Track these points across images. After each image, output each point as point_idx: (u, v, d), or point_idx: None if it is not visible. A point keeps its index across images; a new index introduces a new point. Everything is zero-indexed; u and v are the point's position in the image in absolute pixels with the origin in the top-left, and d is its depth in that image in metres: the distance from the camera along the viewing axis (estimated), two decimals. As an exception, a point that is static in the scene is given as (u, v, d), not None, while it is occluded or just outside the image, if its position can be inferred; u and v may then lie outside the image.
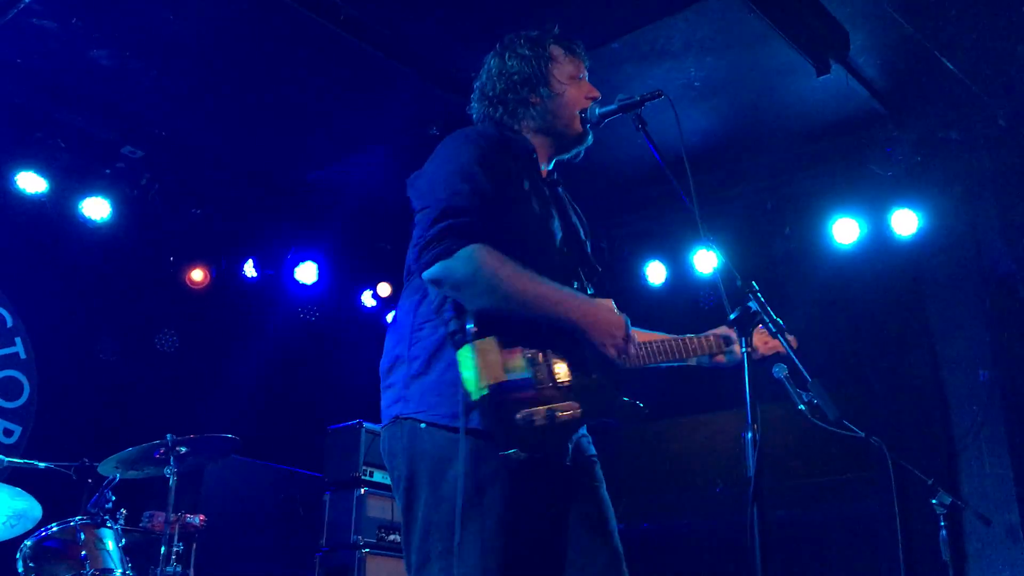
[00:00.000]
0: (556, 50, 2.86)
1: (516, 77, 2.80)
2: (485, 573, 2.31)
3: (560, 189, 2.90)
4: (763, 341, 2.90)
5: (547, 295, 2.46)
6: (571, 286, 2.64)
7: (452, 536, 2.35)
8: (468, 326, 2.41)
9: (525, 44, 2.85)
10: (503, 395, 2.34)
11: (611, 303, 2.63)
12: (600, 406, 2.53)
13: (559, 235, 2.72)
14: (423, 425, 2.46)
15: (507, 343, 2.40)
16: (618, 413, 2.58)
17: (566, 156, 2.90)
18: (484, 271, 2.39)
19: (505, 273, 2.40)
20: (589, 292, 2.72)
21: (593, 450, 2.73)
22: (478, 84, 2.90)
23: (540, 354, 2.45)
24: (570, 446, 2.57)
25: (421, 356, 2.52)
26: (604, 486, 2.70)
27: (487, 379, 2.34)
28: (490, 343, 2.38)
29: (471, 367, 2.35)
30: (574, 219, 2.88)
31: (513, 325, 2.43)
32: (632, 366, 2.67)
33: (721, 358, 2.98)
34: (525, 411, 2.34)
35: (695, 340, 2.93)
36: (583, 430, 2.67)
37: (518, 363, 2.40)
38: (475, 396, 2.34)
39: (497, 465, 2.36)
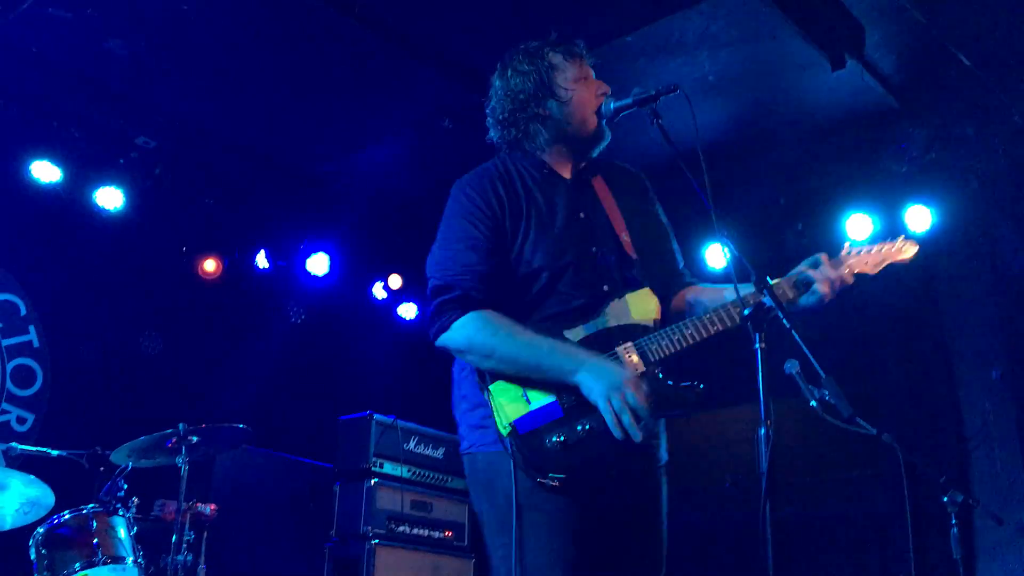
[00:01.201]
0: (555, 57, 2.86)
1: (521, 96, 2.83)
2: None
3: (593, 182, 2.92)
4: (869, 262, 2.82)
5: (535, 356, 2.58)
6: (601, 289, 2.71)
7: (508, 542, 2.54)
8: (481, 370, 2.65)
9: (524, 59, 2.87)
10: (527, 427, 2.54)
11: (647, 297, 2.72)
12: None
13: (587, 236, 2.77)
14: (478, 457, 2.72)
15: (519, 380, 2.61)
16: (655, 413, 2.61)
17: (593, 155, 2.92)
18: (477, 340, 2.60)
19: (498, 339, 2.59)
20: (621, 290, 2.73)
21: (664, 456, 2.83)
22: (488, 109, 2.94)
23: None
24: (615, 453, 2.59)
25: (467, 397, 2.77)
26: (665, 486, 2.83)
27: (508, 416, 2.55)
28: (499, 385, 2.60)
29: (495, 408, 2.58)
30: (605, 210, 2.87)
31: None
32: (666, 360, 2.67)
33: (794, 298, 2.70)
34: (553, 436, 2.51)
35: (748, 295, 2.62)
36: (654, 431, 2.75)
37: (540, 392, 2.58)
38: (504, 433, 2.55)
39: (534, 487, 2.54)
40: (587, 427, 2.51)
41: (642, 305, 2.71)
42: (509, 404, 2.55)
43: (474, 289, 2.63)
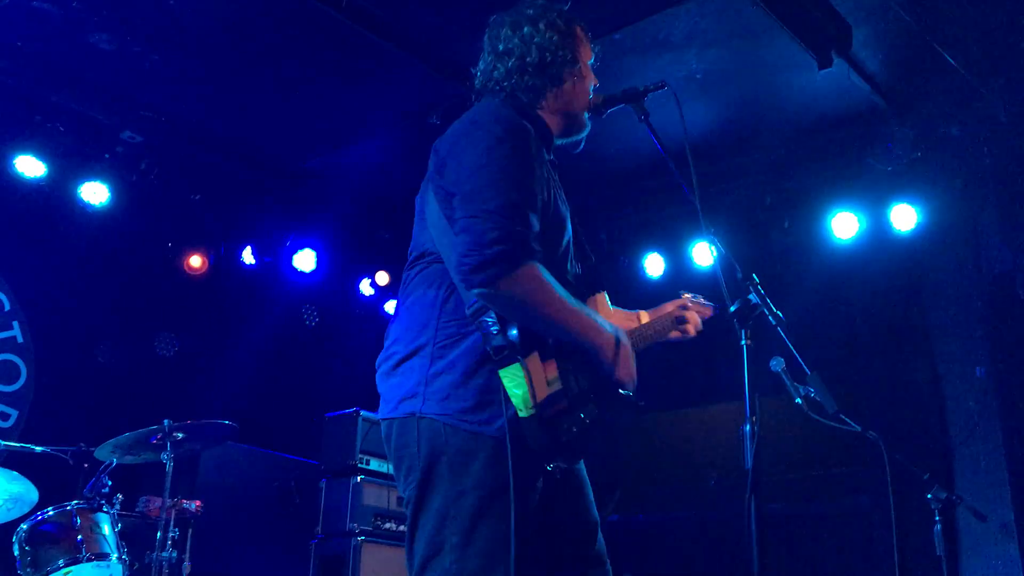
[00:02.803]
0: (580, 32, 2.78)
1: (552, 52, 2.67)
2: (496, 570, 2.32)
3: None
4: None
5: (579, 322, 2.45)
6: (574, 277, 2.67)
7: (470, 529, 2.35)
8: (514, 341, 2.39)
9: (560, 18, 2.72)
10: (551, 408, 2.35)
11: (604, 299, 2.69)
12: (609, 404, 2.54)
13: (568, 224, 2.67)
14: (446, 428, 2.43)
15: (545, 356, 2.41)
16: (619, 407, 2.58)
17: (568, 141, 2.83)
18: (532, 299, 2.36)
19: (550, 303, 2.39)
20: (587, 284, 2.72)
21: None
22: (502, 44, 2.73)
23: (570, 363, 2.45)
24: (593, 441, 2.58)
25: (447, 356, 2.47)
26: (586, 477, 2.74)
27: (537, 397, 2.34)
28: (535, 360, 2.39)
29: (522, 384, 2.35)
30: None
31: (547, 338, 2.44)
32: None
33: (677, 334, 2.98)
34: (564, 423, 2.37)
35: (661, 318, 2.95)
36: None
37: (555, 376, 2.41)
38: (525, 413, 2.34)
39: (522, 470, 2.37)
40: (584, 417, 2.40)
41: (604, 305, 2.72)
42: (538, 384, 2.36)
43: (533, 238, 2.39)
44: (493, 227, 2.32)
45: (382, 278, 8.24)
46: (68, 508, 4.68)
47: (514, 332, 2.38)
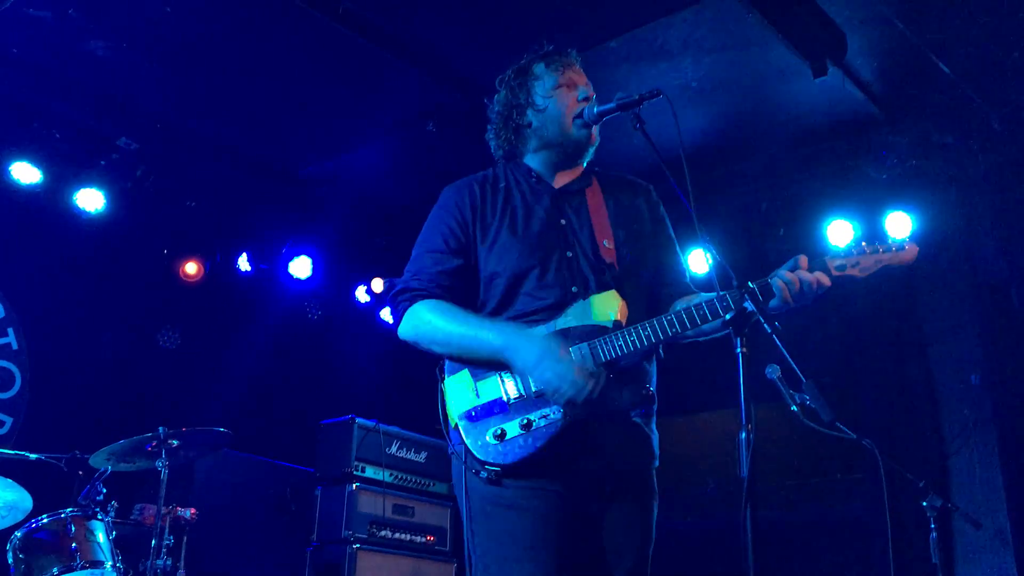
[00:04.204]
0: (538, 68, 2.99)
1: (507, 108, 2.99)
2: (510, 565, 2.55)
3: (587, 191, 2.97)
4: (861, 264, 2.85)
5: (468, 334, 2.70)
6: (570, 290, 2.75)
7: (472, 553, 2.63)
8: (443, 364, 2.78)
9: (512, 74, 3.03)
10: (474, 419, 2.65)
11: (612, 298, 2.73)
12: (585, 407, 2.58)
13: (564, 241, 2.83)
14: (453, 455, 2.78)
15: (480, 371, 2.70)
16: (605, 411, 2.62)
17: (581, 161, 2.99)
18: (422, 326, 2.77)
19: (439, 322, 2.74)
20: (588, 292, 2.75)
21: (633, 459, 2.77)
22: (490, 126, 3.10)
23: (511, 372, 2.67)
24: (570, 452, 2.62)
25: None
26: (637, 494, 2.76)
27: (458, 409, 2.68)
28: (461, 376, 2.72)
29: (447, 401, 2.72)
30: (591, 217, 2.91)
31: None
32: (622, 359, 2.66)
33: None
34: (495, 427, 2.62)
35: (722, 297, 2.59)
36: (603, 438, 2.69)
37: (491, 386, 2.68)
38: (452, 424, 2.69)
39: (497, 489, 2.61)
40: (528, 421, 2.59)
41: (604, 306, 2.72)
42: (459, 398, 2.70)
43: (424, 286, 2.82)
44: (390, 286, 2.91)
45: (378, 285, 8.22)
46: (62, 516, 4.67)
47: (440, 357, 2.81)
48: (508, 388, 2.66)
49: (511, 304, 2.79)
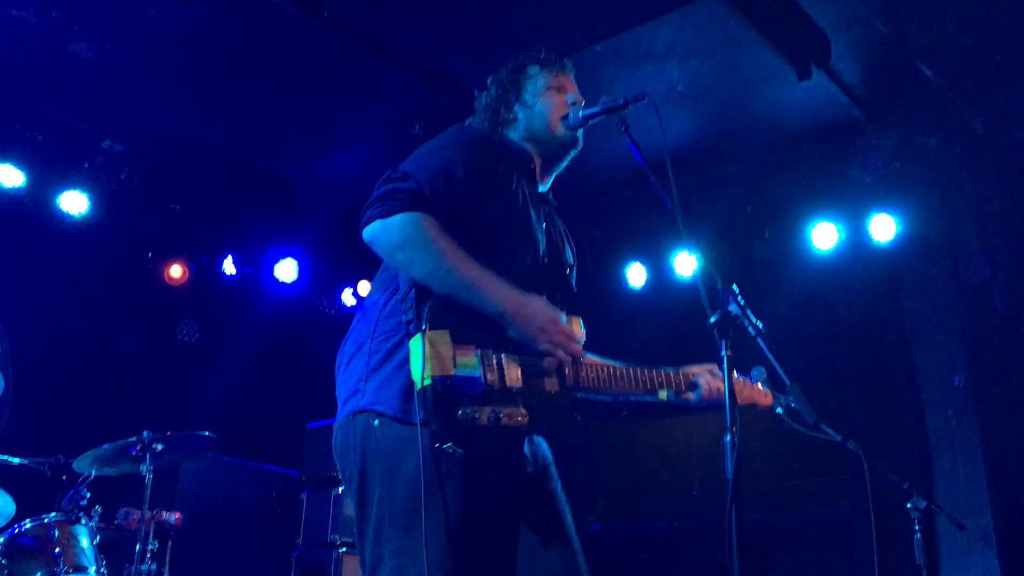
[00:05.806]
0: (533, 69, 2.98)
1: (496, 102, 2.96)
2: (436, 572, 2.29)
3: (553, 211, 2.95)
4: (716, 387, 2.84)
5: (476, 275, 2.41)
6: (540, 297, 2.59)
7: (405, 534, 2.34)
8: (424, 314, 2.35)
9: (505, 72, 3.02)
10: (446, 389, 2.29)
11: (575, 320, 2.66)
12: (550, 418, 2.50)
13: (542, 245, 2.75)
14: (376, 421, 2.45)
15: (462, 339, 2.36)
16: (568, 428, 2.55)
17: (561, 164, 2.96)
18: (417, 237, 2.40)
19: (440, 245, 2.40)
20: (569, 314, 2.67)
21: (550, 456, 2.71)
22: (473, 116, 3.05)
23: (494, 355, 2.41)
24: (527, 453, 2.57)
25: (382, 349, 2.51)
26: (560, 487, 2.69)
27: (433, 370, 2.29)
28: (443, 335, 2.34)
29: (419, 356, 2.31)
30: (561, 241, 2.90)
31: (470, 321, 2.40)
32: (589, 389, 2.63)
33: (689, 395, 2.85)
34: (466, 409, 2.30)
35: (663, 373, 2.82)
36: (538, 438, 2.64)
37: (469, 360, 2.36)
38: (418, 386, 2.30)
39: (452, 463, 2.35)
40: (498, 416, 2.33)
41: (578, 328, 2.69)
42: (435, 359, 2.30)
43: (432, 192, 2.48)
44: (384, 178, 2.56)
45: (364, 288, 8.22)
46: (46, 521, 4.64)
47: (427, 306, 2.37)
48: (497, 373, 2.39)
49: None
